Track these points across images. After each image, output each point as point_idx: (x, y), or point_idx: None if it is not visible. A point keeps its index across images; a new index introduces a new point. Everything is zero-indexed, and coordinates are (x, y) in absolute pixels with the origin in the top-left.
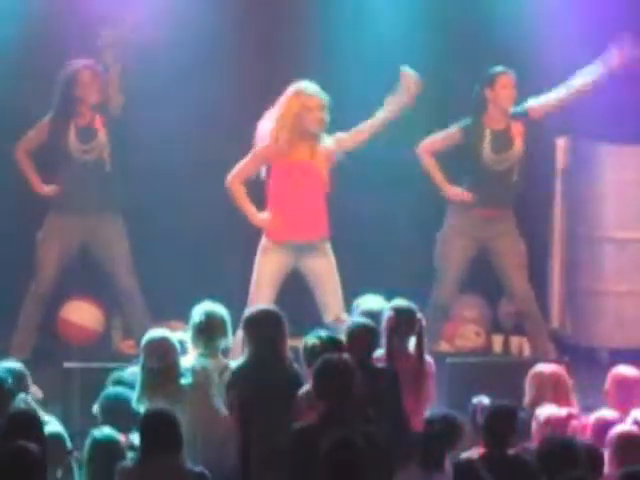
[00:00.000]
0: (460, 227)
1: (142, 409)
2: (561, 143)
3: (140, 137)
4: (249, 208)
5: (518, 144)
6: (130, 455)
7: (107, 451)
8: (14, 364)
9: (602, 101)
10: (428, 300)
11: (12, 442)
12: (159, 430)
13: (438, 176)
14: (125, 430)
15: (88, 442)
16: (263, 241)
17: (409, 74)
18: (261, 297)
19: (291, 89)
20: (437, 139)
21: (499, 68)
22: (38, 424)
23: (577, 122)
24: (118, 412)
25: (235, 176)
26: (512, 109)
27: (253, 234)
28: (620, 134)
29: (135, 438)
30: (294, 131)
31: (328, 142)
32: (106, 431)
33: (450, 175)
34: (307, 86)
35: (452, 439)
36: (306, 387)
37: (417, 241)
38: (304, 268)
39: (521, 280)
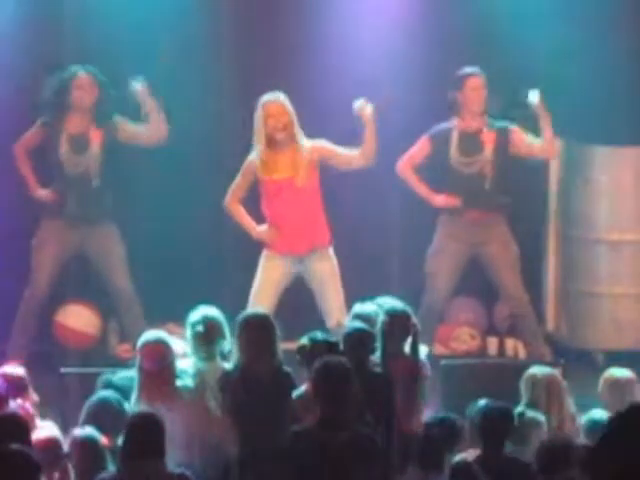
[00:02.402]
0: (451, 233)
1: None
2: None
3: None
4: (248, 224)
5: (489, 150)
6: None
7: (86, 450)
8: (14, 369)
9: (595, 103)
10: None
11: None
12: (142, 434)
13: (422, 189)
14: (111, 433)
15: (69, 441)
16: (265, 250)
17: (360, 106)
18: (261, 304)
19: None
20: (412, 153)
21: (467, 70)
22: (25, 431)
23: (570, 124)
24: (103, 415)
25: (231, 196)
26: (495, 121)
27: (250, 237)
28: (613, 135)
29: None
30: (265, 141)
31: (309, 148)
32: (87, 430)
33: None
34: (269, 95)
35: (451, 442)
36: (302, 389)
37: (415, 244)
38: (306, 273)
39: (514, 283)
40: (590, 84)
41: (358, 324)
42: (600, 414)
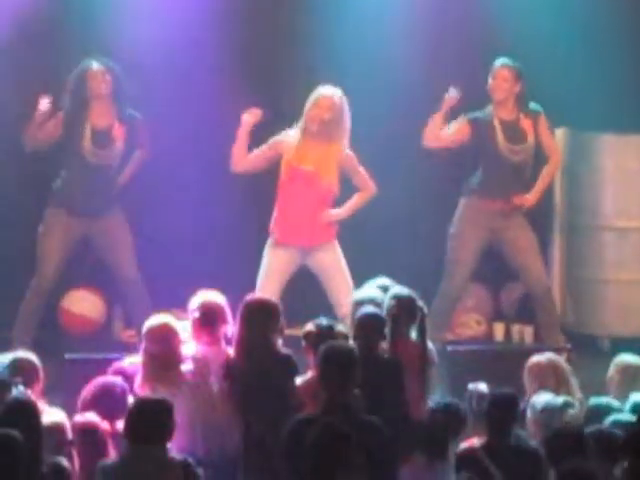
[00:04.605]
0: (473, 219)
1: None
2: (560, 133)
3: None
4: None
5: (531, 138)
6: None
7: (85, 436)
8: (24, 354)
9: (600, 90)
10: (436, 290)
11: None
12: (144, 420)
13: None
14: (112, 418)
15: (69, 426)
16: (270, 238)
17: None
18: (267, 292)
19: None
20: (444, 136)
21: (500, 60)
22: (33, 414)
23: (576, 111)
24: (105, 400)
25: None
26: (529, 105)
27: (256, 224)
28: (619, 123)
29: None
30: (303, 128)
31: (343, 155)
32: (87, 416)
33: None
34: (327, 88)
35: (455, 428)
36: (307, 376)
37: (425, 231)
38: (312, 265)
39: (537, 268)
40: (595, 71)
41: (372, 309)
42: (604, 400)
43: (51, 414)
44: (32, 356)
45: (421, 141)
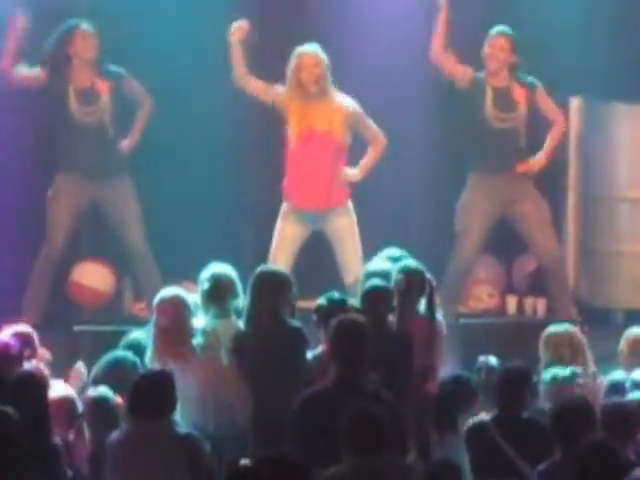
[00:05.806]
0: (482, 192)
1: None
2: (574, 103)
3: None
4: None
5: (522, 107)
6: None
7: (97, 409)
8: (22, 328)
9: (616, 60)
10: (447, 261)
11: (15, 404)
12: (145, 394)
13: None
14: (124, 392)
15: (82, 401)
16: (284, 205)
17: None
18: (280, 261)
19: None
20: (449, 59)
21: (497, 28)
22: (44, 387)
23: (591, 81)
24: (115, 375)
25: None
26: (522, 75)
27: (267, 195)
28: (633, 93)
29: None
30: (295, 91)
31: (348, 103)
32: (100, 390)
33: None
34: (304, 46)
35: (465, 400)
36: (318, 351)
37: (436, 199)
38: (325, 229)
39: (547, 240)
40: (610, 42)
41: (378, 281)
42: (620, 375)
43: (59, 388)
44: (27, 329)
45: (432, 110)
